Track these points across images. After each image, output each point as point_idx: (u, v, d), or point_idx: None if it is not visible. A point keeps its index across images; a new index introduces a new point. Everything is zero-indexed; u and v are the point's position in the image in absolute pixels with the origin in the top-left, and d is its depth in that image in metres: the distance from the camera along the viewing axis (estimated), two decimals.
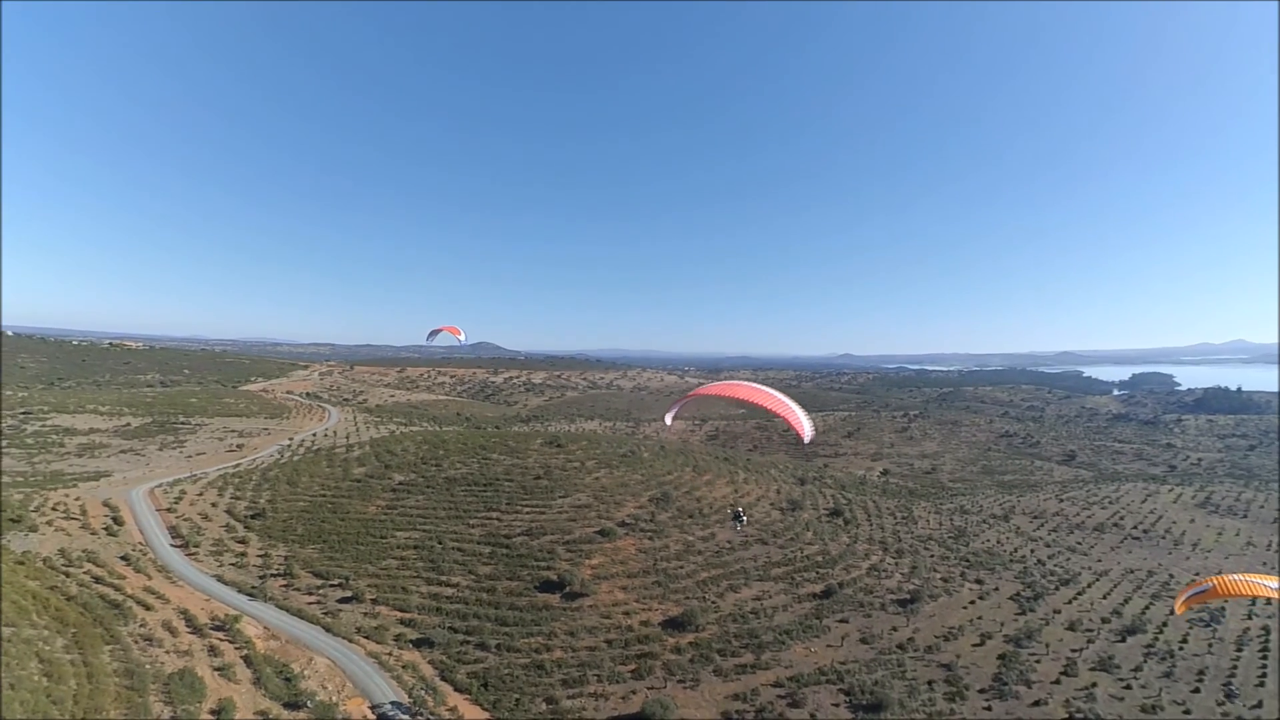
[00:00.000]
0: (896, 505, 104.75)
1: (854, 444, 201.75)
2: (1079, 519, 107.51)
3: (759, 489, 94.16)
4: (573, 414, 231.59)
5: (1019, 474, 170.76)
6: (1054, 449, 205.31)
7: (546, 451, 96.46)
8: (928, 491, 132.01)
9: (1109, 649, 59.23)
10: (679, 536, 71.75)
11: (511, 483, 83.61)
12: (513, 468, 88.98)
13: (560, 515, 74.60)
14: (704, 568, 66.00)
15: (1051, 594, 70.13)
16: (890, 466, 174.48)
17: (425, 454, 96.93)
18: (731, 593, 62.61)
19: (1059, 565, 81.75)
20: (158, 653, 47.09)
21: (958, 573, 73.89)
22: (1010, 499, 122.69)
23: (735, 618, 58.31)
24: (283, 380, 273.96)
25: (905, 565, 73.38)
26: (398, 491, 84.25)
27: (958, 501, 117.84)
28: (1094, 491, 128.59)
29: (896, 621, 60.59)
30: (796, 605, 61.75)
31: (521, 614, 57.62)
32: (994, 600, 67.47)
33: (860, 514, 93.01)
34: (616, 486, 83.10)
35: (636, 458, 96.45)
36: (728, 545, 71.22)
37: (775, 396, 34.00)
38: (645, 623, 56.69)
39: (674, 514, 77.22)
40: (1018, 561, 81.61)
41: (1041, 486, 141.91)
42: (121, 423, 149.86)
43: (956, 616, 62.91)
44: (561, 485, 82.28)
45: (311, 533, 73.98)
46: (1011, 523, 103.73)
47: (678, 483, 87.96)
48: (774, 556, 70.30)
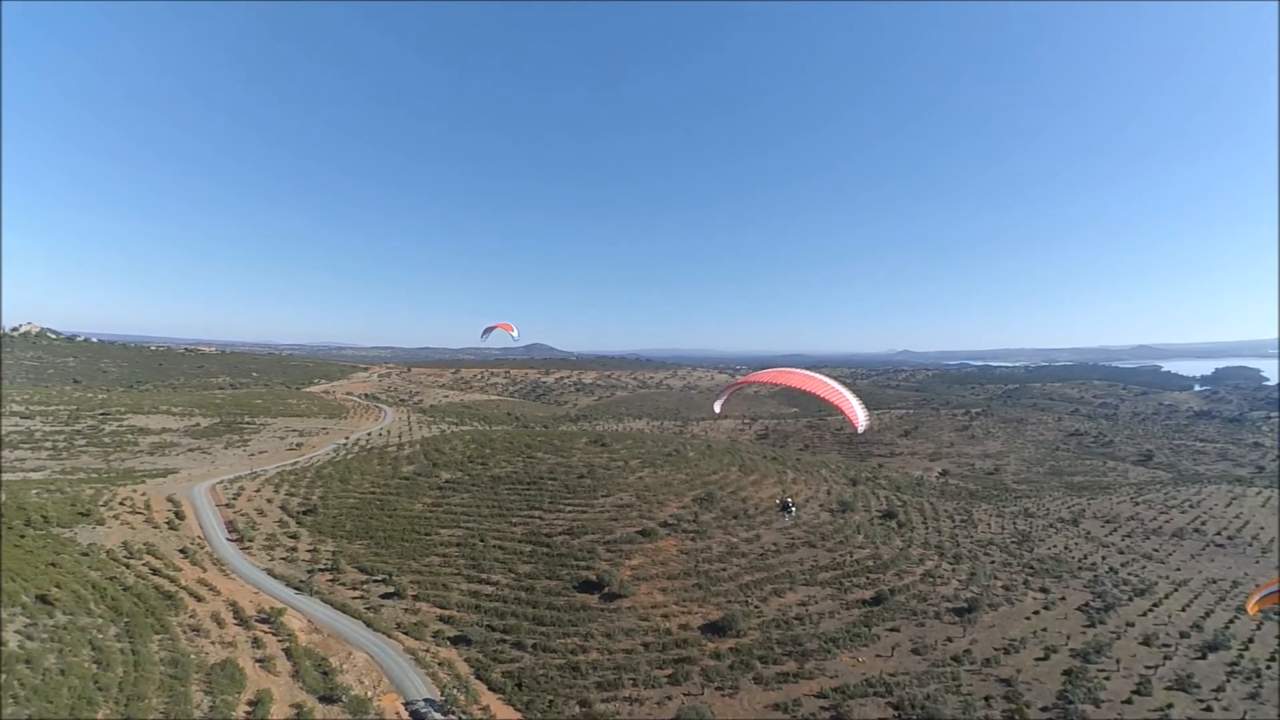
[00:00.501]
0: (955, 508, 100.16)
1: (911, 443, 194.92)
2: (1156, 524, 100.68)
3: (808, 489, 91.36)
4: (621, 413, 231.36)
5: (1090, 475, 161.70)
6: (1129, 448, 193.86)
7: (591, 450, 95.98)
8: (989, 493, 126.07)
9: (1187, 666, 54.71)
10: (722, 538, 69.96)
11: (555, 481, 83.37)
12: (557, 467, 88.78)
13: (602, 514, 73.81)
14: (747, 570, 64.07)
15: (1124, 605, 65.42)
16: (949, 467, 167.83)
17: (472, 453, 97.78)
18: (775, 597, 60.50)
19: (1133, 574, 76.43)
20: (204, 643, 48.35)
21: (1020, 580, 69.74)
22: (1080, 502, 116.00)
23: (778, 623, 56.26)
24: (343, 382, 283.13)
25: (963, 571, 69.68)
26: (444, 489, 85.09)
27: (1022, 504, 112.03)
28: (1172, 494, 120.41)
29: (952, 631, 57.39)
30: (844, 612, 59.21)
31: (559, 614, 56.98)
32: (1060, 611, 63.30)
33: (915, 516, 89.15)
34: (660, 486, 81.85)
35: (681, 457, 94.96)
36: (773, 547, 69.03)
37: (828, 384, 32.80)
38: (684, 626, 55.25)
39: (718, 514, 75.43)
40: (1087, 569, 76.65)
41: (1115, 488, 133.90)
42: (191, 423, 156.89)
43: (1018, 627, 59.22)
44: (604, 484, 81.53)
45: (359, 529, 75.29)
46: (1081, 527, 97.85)
47: (723, 482, 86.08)
48: (822, 560, 67.76)
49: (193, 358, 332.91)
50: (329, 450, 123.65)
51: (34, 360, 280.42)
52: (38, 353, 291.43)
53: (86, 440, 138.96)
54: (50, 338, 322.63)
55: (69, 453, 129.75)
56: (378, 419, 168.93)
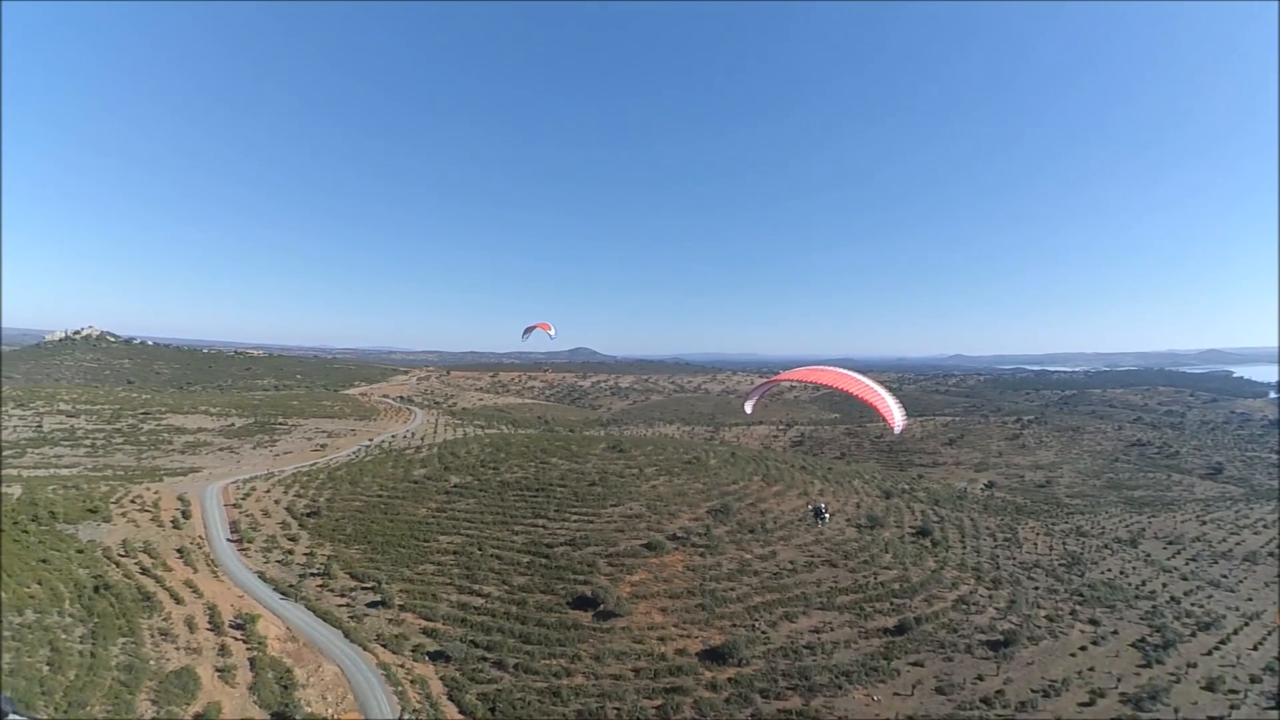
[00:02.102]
0: (999, 524, 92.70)
1: (955, 452, 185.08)
2: (1225, 546, 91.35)
3: (837, 501, 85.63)
4: (654, 418, 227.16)
5: (1152, 489, 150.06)
6: (1196, 460, 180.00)
7: (607, 457, 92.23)
8: (1039, 508, 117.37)
9: (1258, 717, 47.69)
10: (734, 554, 65.18)
11: (565, 488, 79.87)
12: (569, 473, 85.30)
13: (609, 525, 69.90)
14: (758, 591, 59.18)
15: (1186, 641, 58.10)
16: (996, 478, 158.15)
17: (486, 457, 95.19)
18: (786, 622, 55.48)
19: (1197, 604, 68.46)
20: (169, 648, 46.25)
21: (1067, 610, 62.83)
22: (1140, 519, 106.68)
23: (787, 652, 51.28)
24: (382, 384, 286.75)
25: (1002, 598, 63.20)
26: (451, 494, 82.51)
27: (1074, 521, 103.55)
28: (1244, 512, 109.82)
29: (984, 668, 51.38)
30: (862, 641, 53.78)
31: (548, 631, 53.24)
32: (1111, 646, 56.45)
33: (953, 534, 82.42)
34: (673, 495, 77.48)
35: (701, 464, 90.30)
36: (789, 566, 63.89)
37: (862, 381, 30.92)
38: (681, 651, 50.79)
39: (732, 528, 70.65)
40: (1145, 598, 68.98)
41: (1180, 505, 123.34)
42: (227, 423, 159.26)
43: (1061, 665, 52.79)
44: (615, 493, 77.64)
45: (359, 533, 73.15)
46: (1140, 548, 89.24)
47: (742, 493, 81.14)
48: (842, 581, 62.32)
49: (241, 360, 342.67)
50: (351, 452, 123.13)
51: (92, 362, 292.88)
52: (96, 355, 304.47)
53: (124, 438, 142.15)
54: (109, 340, 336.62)
55: (105, 450, 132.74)
56: (406, 421, 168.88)
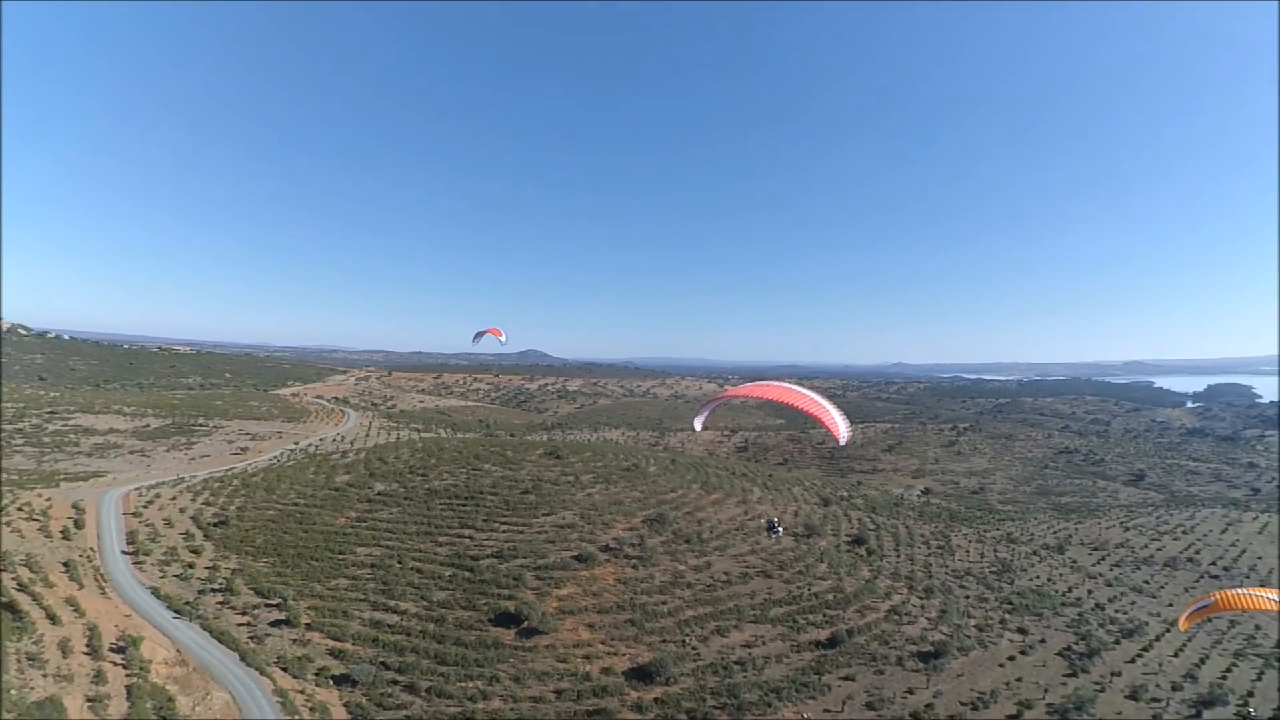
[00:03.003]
0: (933, 531, 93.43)
1: (894, 459, 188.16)
2: (1147, 552, 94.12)
3: (775, 510, 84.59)
4: (600, 422, 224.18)
5: (1079, 495, 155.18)
6: (1120, 467, 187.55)
7: (543, 463, 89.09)
8: (972, 515, 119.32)
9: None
10: (668, 565, 63.11)
11: (496, 497, 76.42)
12: (501, 480, 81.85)
13: (539, 536, 66.89)
14: (690, 604, 57.19)
15: (1111, 649, 58.79)
16: (933, 485, 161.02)
17: (416, 463, 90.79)
18: (718, 636, 53.64)
19: (1121, 610, 69.80)
20: (35, 675, 41.13)
21: (997, 619, 63.00)
22: (1067, 526, 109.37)
23: (717, 668, 49.40)
24: (318, 385, 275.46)
25: (934, 608, 62.91)
26: (374, 502, 78.08)
27: (1005, 528, 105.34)
28: (1165, 518, 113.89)
29: (915, 681, 50.59)
30: (794, 655, 52.37)
31: (466, 651, 49.99)
32: (1039, 656, 56.61)
33: (888, 542, 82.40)
34: (609, 504, 74.96)
35: (640, 472, 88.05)
36: (723, 577, 62.16)
37: (807, 395, 31.26)
38: (607, 670, 48.33)
39: (668, 538, 68.59)
40: (1071, 605, 69.98)
41: (1104, 511, 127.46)
42: (141, 424, 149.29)
43: (990, 676, 52.48)
44: (549, 501, 74.63)
45: (269, 545, 68.18)
46: (1067, 555, 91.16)
47: (680, 501, 79.25)
48: (777, 593, 60.93)
49: (165, 357, 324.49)
50: (272, 456, 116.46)
51: None
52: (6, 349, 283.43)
53: (25, 439, 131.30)
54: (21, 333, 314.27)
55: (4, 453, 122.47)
56: (338, 424, 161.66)
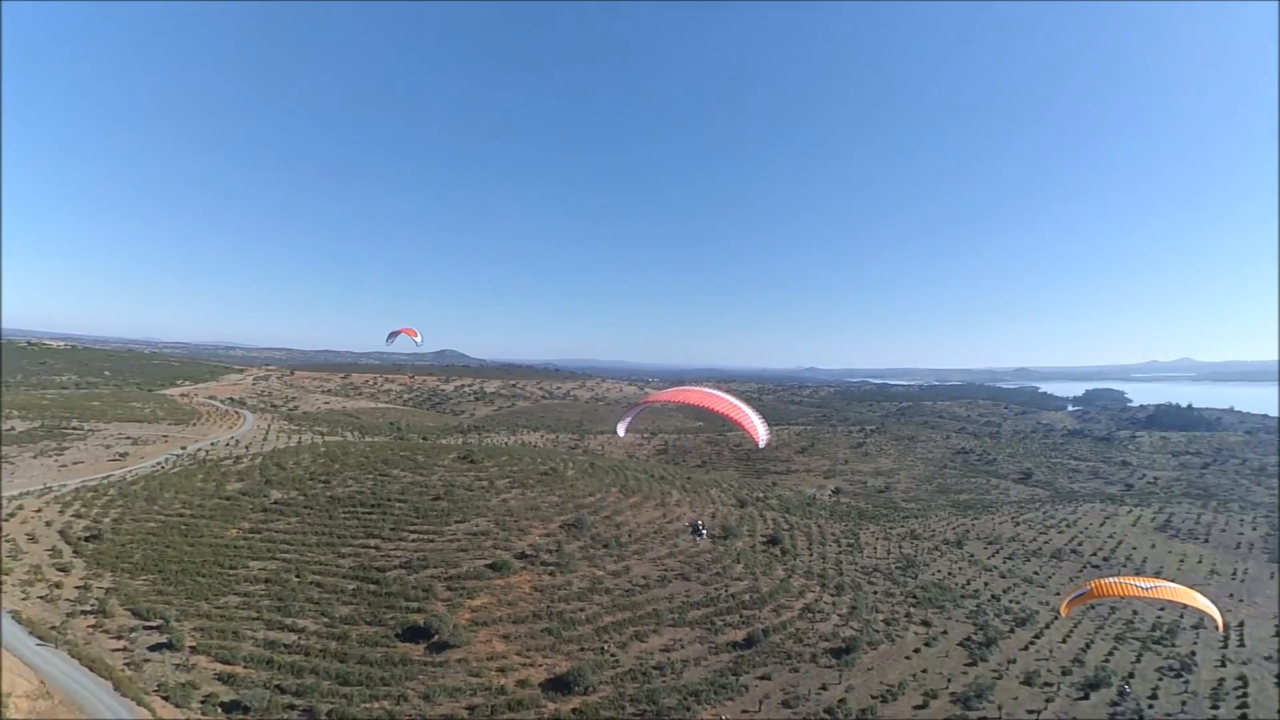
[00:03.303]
0: (843, 530, 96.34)
1: (807, 460, 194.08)
2: (1036, 545, 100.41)
3: (692, 512, 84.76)
4: (518, 425, 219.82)
5: (975, 493, 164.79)
6: (1010, 466, 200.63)
7: (456, 468, 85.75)
8: (879, 513, 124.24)
9: (1070, 709, 50.95)
10: (586, 571, 61.80)
11: (405, 504, 72.77)
12: (411, 486, 78.12)
13: (451, 544, 64.06)
14: (609, 610, 56.12)
15: (1006, 637, 61.89)
16: (843, 484, 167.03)
17: (318, 468, 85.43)
18: (637, 642, 52.82)
19: (1014, 600, 73.87)
20: None
21: (903, 613, 65.26)
22: (964, 522, 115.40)
23: (636, 674, 48.53)
24: (211, 384, 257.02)
25: (844, 604, 64.48)
26: (270, 512, 72.79)
27: (909, 525, 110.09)
28: (1051, 513, 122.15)
29: (828, 677, 51.43)
30: (712, 657, 52.22)
31: (371, 669, 46.98)
32: (942, 647, 58.89)
33: (801, 541, 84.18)
34: (525, 510, 72.83)
35: (558, 475, 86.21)
36: (641, 582, 61.46)
37: (728, 400, 31.74)
38: (523, 682, 46.55)
39: (586, 543, 67.26)
40: (970, 597, 73.49)
41: (997, 507, 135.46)
42: (5, 427, 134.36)
43: (898, 669, 54.07)
44: (462, 508, 71.74)
45: (150, 560, 62.25)
46: (965, 549, 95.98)
47: (598, 506, 78.04)
48: (694, 595, 60.77)
49: (36, 352, 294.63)
50: (156, 462, 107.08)
51: None
52: None
53: None
54: None
55: None
56: (233, 426, 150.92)
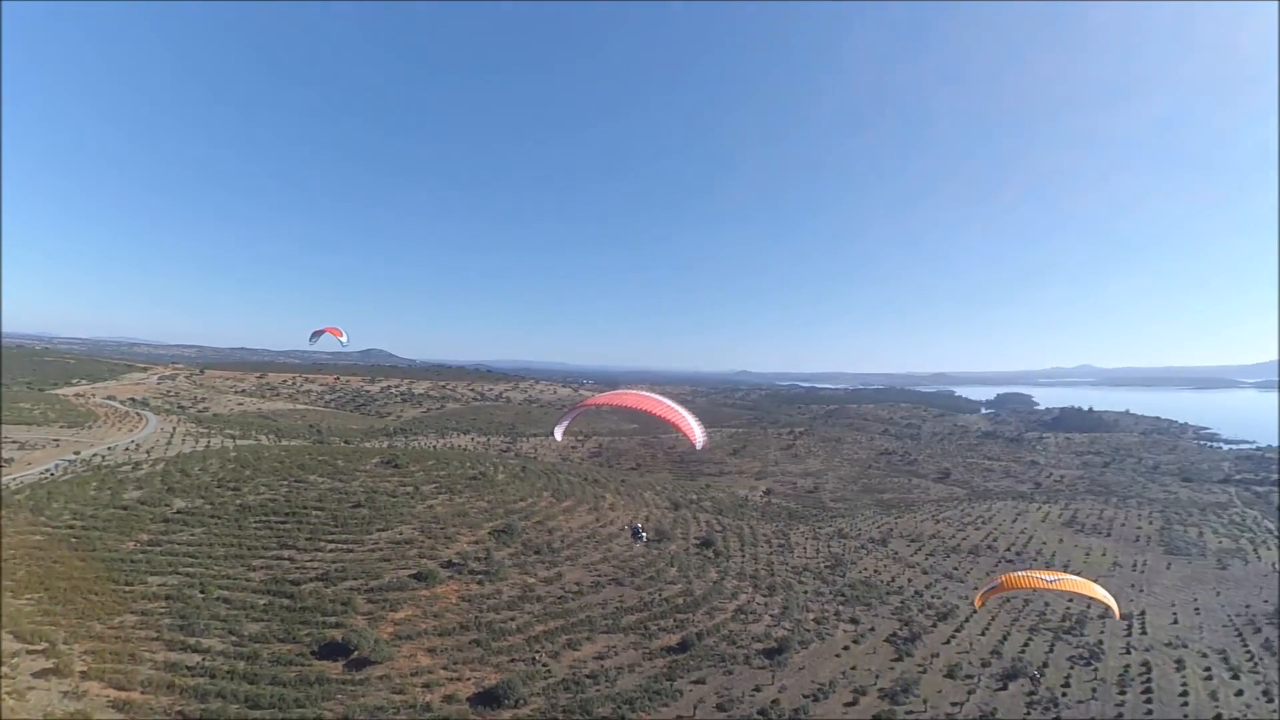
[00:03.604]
0: (774, 530, 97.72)
1: (739, 462, 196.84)
2: (955, 541, 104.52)
3: (626, 515, 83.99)
4: (448, 427, 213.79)
5: (898, 492, 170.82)
6: (930, 466, 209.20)
7: (379, 473, 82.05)
8: (809, 513, 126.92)
9: (991, 699, 52.78)
10: (517, 579, 59.97)
11: (322, 512, 68.87)
12: (330, 493, 74.14)
13: (373, 554, 60.94)
14: (540, 618, 54.53)
15: (930, 632, 63.82)
16: (774, 486, 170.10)
17: (226, 475, 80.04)
18: (570, 650, 51.48)
19: (936, 596, 76.45)
20: None
21: (832, 611, 66.42)
22: (889, 520, 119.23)
23: (569, 684, 47.21)
24: (110, 384, 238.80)
25: (776, 605, 65.06)
26: (172, 522, 67.53)
27: (837, 524, 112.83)
28: (968, 511, 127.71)
29: (761, 678, 51.52)
30: (646, 663, 51.45)
31: (284, 690, 43.88)
32: (870, 643, 60.13)
33: (734, 543, 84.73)
34: (453, 516, 70.23)
35: (487, 480, 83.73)
36: (575, 588, 60.15)
37: (665, 403, 31.94)
38: (450, 698, 44.44)
39: (517, 550, 65.37)
40: (895, 593, 75.64)
41: (919, 506, 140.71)
42: None
43: (828, 667, 54.78)
44: (384, 515, 68.49)
45: (34, 578, 56.42)
46: (889, 547, 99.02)
47: (530, 511, 76.18)
48: (628, 600, 59.91)
49: None
50: (45, 469, 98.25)
51: None
52: None
53: None
54: None
55: None
56: (134, 429, 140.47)
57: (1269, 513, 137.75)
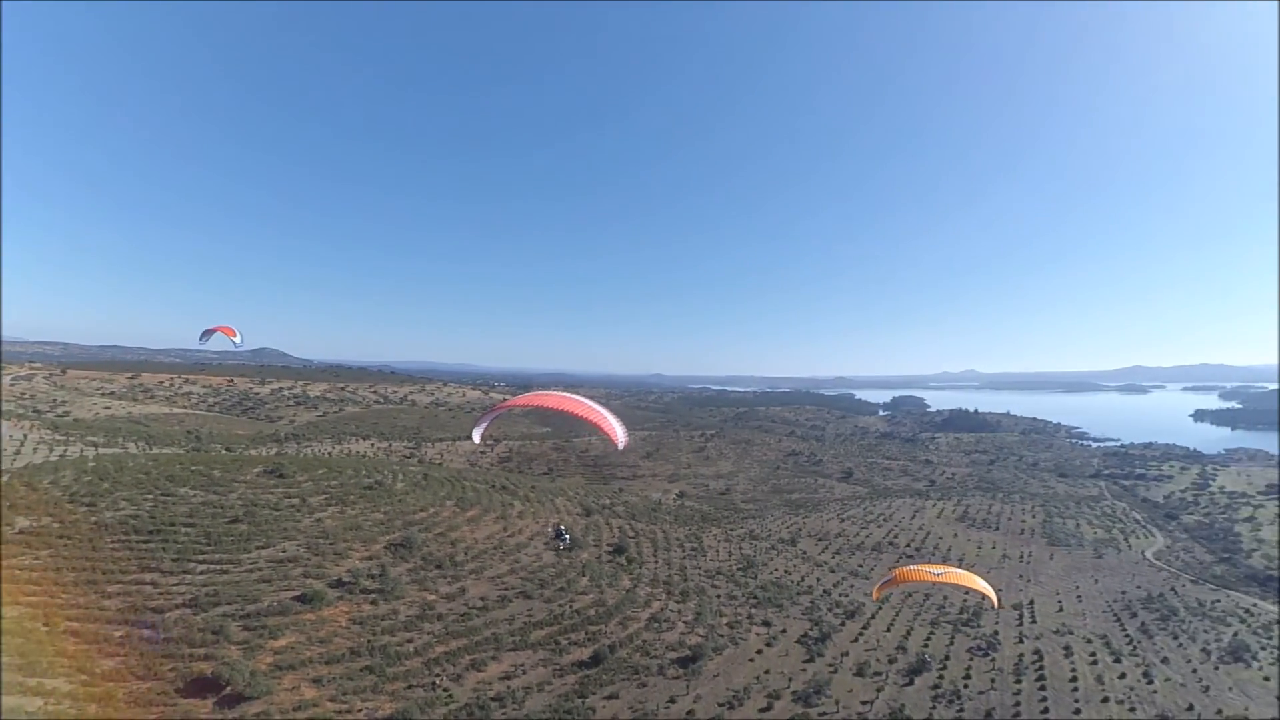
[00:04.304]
0: (687, 534, 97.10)
1: (652, 465, 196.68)
2: (859, 539, 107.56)
3: (536, 523, 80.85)
4: (345, 432, 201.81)
5: (805, 492, 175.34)
6: (834, 466, 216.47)
7: (261, 483, 75.00)
8: (720, 515, 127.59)
9: (898, 695, 53.62)
10: (416, 596, 55.81)
11: (193, 529, 61.77)
12: (203, 507, 66.84)
13: (250, 574, 55.02)
14: (441, 638, 50.81)
15: (839, 631, 64.55)
16: (687, 488, 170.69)
17: (81, 488, 70.76)
18: (474, 671, 48.12)
19: (844, 594, 77.85)
20: None
21: (745, 614, 66.04)
22: (797, 520, 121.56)
23: (472, 709, 43.92)
24: None
25: (690, 611, 63.91)
26: (13, 544, 58.67)
27: (748, 525, 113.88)
28: (870, 509, 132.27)
29: (675, 688, 50.02)
30: (557, 680, 48.84)
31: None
32: (782, 646, 59.99)
33: (647, 548, 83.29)
34: (345, 530, 64.84)
35: (384, 489, 78.29)
36: (479, 604, 56.64)
37: (586, 404, 31.99)
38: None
39: (415, 564, 61.03)
40: (805, 593, 76.44)
41: (825, 505, 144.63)
42: None
43: (742, 673, 54.02)
44: (265, 531, 62.24)
45: None
46: (799, 547, 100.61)
47: (431, 522, 71.69)
48: (537, 614, 57.01)
49: None
50: None
51: None
52: None
53: None
54: None
55: None
56: None
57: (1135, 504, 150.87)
